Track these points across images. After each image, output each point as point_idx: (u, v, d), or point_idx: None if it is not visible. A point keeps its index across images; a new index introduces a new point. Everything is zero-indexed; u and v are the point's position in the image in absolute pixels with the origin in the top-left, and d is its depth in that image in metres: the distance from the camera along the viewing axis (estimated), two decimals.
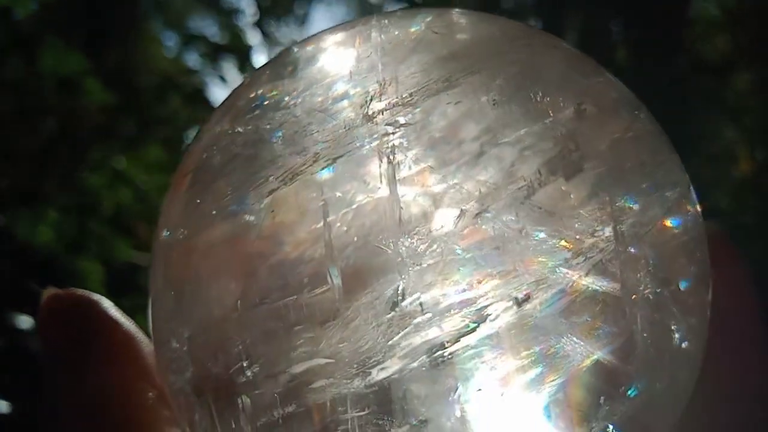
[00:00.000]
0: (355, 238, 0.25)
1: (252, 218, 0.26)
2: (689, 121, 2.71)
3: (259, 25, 4.26)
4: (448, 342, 0.24)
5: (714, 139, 3.15)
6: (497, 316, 0.24)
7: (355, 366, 0.24)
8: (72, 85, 2.16)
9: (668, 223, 0.27)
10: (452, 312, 0.24)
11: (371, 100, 0.26)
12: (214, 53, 2.69)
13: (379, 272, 0.24)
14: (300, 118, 0.27)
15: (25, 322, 1.53)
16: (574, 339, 0.24)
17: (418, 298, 0.24)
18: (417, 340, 0.24)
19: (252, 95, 0.29)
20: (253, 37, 4.14)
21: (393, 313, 0.24)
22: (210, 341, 0.25)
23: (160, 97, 2.25)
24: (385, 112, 0.26)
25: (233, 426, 0.25)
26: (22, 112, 2.14)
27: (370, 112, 0.26)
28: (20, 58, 2.12)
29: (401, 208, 0.24)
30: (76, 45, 2.32)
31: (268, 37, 4.37)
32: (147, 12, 3.04)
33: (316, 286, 0.24)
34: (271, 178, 0.26)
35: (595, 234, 0.25)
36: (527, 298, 0.24)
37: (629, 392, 0.25)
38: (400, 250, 0.24)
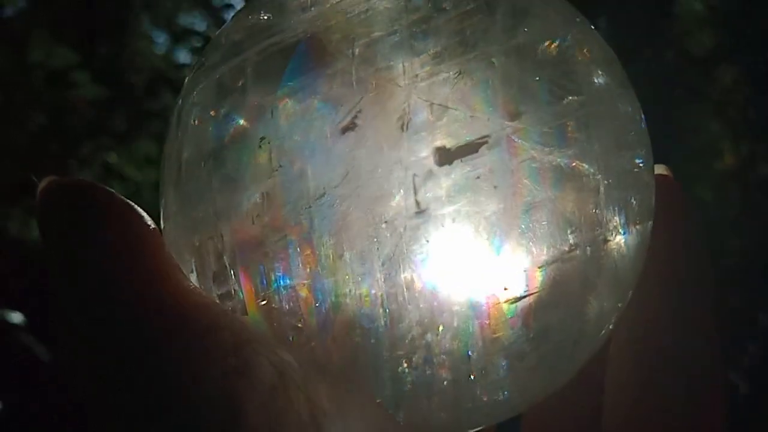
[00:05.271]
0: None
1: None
2: (673, 115, 2.74)
3: None
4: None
5: (698, 133, 3.18)
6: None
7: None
8: (61, 78, 2.15)
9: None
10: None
11: None
12: (204, 47, 2.68)
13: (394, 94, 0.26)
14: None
15: (16, 317, 1.53)
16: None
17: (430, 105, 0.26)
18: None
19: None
20: None
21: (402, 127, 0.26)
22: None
23: (151, 91, 2.24)
24: None
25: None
26: (11, 106, 2.14)
27: None
28: (9, 52, 2.11)
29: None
30: (66, 40, 2.31)
31: None
32: (137, 9, 3.03)
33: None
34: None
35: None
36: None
37: None
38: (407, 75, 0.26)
